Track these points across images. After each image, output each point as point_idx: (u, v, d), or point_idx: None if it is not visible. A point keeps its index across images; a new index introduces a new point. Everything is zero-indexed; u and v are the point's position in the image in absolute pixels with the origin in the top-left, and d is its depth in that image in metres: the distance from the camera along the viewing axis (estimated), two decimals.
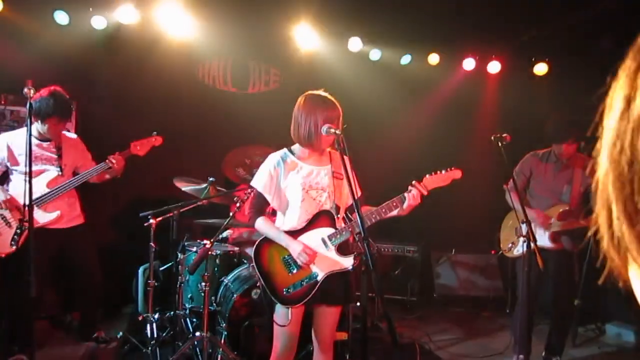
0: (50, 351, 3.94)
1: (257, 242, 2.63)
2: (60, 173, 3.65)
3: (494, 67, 5.97)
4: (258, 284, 2.61)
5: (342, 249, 2.59)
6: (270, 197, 2.63)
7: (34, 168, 3.44)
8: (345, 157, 2.33)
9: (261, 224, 2.62)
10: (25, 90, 2.76)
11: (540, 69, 5.85)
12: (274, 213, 2.86)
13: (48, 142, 3.69)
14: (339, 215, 2.63)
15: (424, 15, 5.21)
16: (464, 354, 4.28)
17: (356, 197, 2.15)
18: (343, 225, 2.61)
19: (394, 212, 2.58)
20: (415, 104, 6.14)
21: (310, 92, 2.60)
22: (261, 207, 2.66)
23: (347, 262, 2.57)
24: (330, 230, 2.58)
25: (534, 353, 3.73)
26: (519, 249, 3.79)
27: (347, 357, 3.70)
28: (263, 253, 2.60)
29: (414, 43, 5.70)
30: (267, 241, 2.60)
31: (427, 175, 2.65)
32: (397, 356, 3.93)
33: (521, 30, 5.56)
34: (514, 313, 3.99)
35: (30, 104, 2.79)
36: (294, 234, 2.58)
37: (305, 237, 2.58)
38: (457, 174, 2.67)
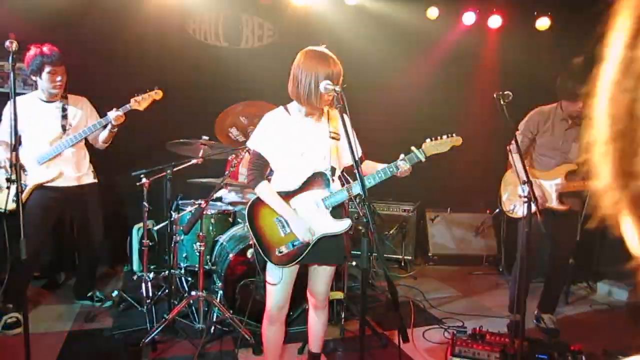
0: (45, 310, 3.94)
1: (250, 202, 2.57)
2: (62, 132, 3.64)
3: (495, 21, 5.80)
4: (250, 242, 2.56)
5: (336, 212, 2.54)
6: (269, 158, 2.57)
7: (38, 128, 3.58)
8: (345, 116, 2.23)
9: (263, 189, 2.54)
10: (7, 43, 2.62)
11: (543, 23, 5.68)
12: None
13: (52, 104, 3.67)
14: (334, 177, 2.55)
15: None
16: (457, 311, 4.31)
17: (356, 158, 2.07)
18: (339, 187, 2.54)
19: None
20: (414, 59, 5.99)
21: (310, 47, 2.47)
22: (261, 168, 2.57)
23: (341, 226, 2.53)
24: (325, 193, 2.52)
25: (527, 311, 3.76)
26: (521, 209, 3.74)
27: (343, 316, 3.72)
28: (256, 213, 2.56)
29: None
30: (260, 201, 2.55)
31: (427, 141, 2.56)
32: (392, 314, 3.96)
33: None
34: (512, 273, 3.99)
35: (13, 58, 2.66)
36: (287, 195, 2.52)
37: (299, 199, 2.52)
38: (457, 140, 2.60)
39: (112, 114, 3.56)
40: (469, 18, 5.81)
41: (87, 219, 3.90)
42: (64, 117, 3.69)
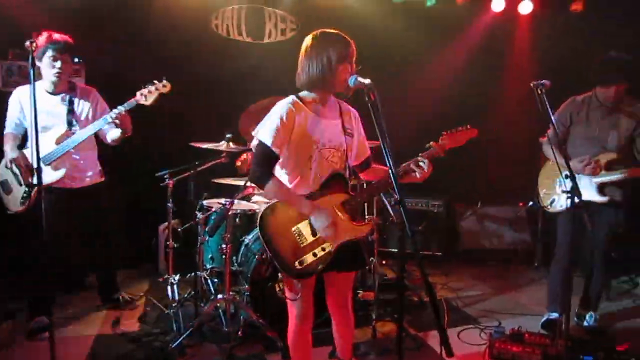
0: (72, 313, 3.91)
1: (262, 212, 2.35)
2: (68, 129, 3.45)
3: (526, 7, 5.55)
4: (264, 255, 2.38)
5: (355, 216, 2.38)
6: (279, 152, 2.30)
7: (44, 124, 3.34)
8: (377, 113, 2.01)
9: (275, 187, 2.29)
10: (27, 43, 2.55)
11: (576, 6, 5.41)
12: None
13: (58, 96, 3.50)
14: (352, 178, 2.42)
15: None
16: (493, 309, 4.15)
17: (391, 164, 1.91)
18: (357, 189, 2.40)
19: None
20: (442, 48, 5.79)
21: (320, 30, 2.34)
22: (269, 164, 2.32)
23: (362, 231, 2.39)
24: (344, 196, 2.37)
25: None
26: (562, 204, 3.56)
27: (374, 317, 3.60)
28: (270, 223, 2.33)
29: None
30: (272, 210, 2.34)
31: (444, 133, 2.45)
32: (429, 318, 3.82)
33: None
34: (552, 270, 3.80)
35: (32, 57, 2.59)
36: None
37: (318, 204, 2.34)
38: (472, 132, 2.50)
39: (113, 113, 3.28)
40: (498, 4, 5.57)
41: (99, 219, 3.79)
42: (70, 111, 3.49)
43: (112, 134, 3.52)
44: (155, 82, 3.24)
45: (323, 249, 2.33)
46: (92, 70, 4.74)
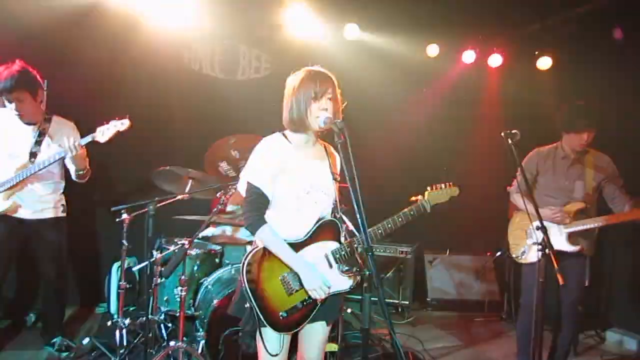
0: (9, 356, 3.60)
1: (248, 255, 2.19)
2: (30, 160, 3.36)
3: (495, 60, 5.70)
4: (246, 305, 2.19)
5: (345, 264, 2.25)
6: (269, 193, 2.20)
7: (11, 151, 3.34)
8: (345, 153, 1.97)
9: (267, 235, 2.16)
10: None
11: (544, 63, 5.57)
12: None
13: (31, 126, 3.41)
14: (343, 226, 2.27)
15: (423, 3, 4.93)
16: None
17: (360, 203, 1.82)
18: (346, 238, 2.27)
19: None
20: (414, 96, 5.87)
21: (303, 68, 2.28)
22: (261, 208, 2.21)
23: (350, 282, 2.25)
24: (335, 245, 2.24)
25: None
26: (533, 255, 3.51)
27: None
28: (256, 268, 2.17)
29: (413, 33, 5.39)
30: (259, 254, 2.19)
31: (428, 189, 2.43)
32: None
33: (523, 22, 5.30)
34: (519, 320, 3.71)
35: None
36: (294, 247, 2.20)
37: (307, 252, 2.22)
38: (454, 191, 2.48)
39: (66, 144, 3.17)
40: (469, 56, 5.70)
41: (49, 256, 3.60)
42: (37, 143, 3.40)
43: (71, 169, 3.47)
44: (116, 120, 3.17)
45: (310, 299, 2.19)
46: (55, 99, 4.57)
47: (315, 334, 2.34)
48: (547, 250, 2.55)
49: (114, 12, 4.55)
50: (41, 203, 3.49)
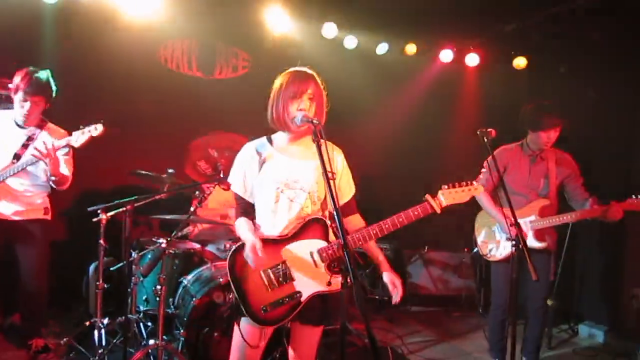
0: None
1: (232, 249, 2.26)
2: (13, 160, 3.35)
3: (473, 59, 5.78)
4: (231, 296, 2.23)
5: (333, 264, 2.24)
6: (248, 196, 2.35)
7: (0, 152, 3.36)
8: (324, 151, 2.03)
9: (238, 224, 2.33)
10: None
11: (520, 62, 5.68)
12: None
13: (24, 130, 3.42)
14: (334, 225, 2.28)
15: (400, 2, 4.97)
16: (437, 357, 4.09)
17: (335, 199, 1.86)
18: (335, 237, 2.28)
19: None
20: (392, 95, 5.92)
21: (288, 69, 2.33)
22: (245, 208, 2.36)
23: (337, 284, 2.21)
24: (322, 243, 2.25)
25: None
26: (501, 251, 3.61)
27: None
28: (239, 262, 2.23)
29: (391, 31, 5.44)
30: (244, 248, 2.22)
31: (444, 187, 2.34)
32: None
33: (501, 22, 5.39)
34: (490, 317, 3.81)
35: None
36: (278, 243, 2.24)
37: (292, 248, 2.24)
38: (476, 189, 2.37)
39: (33, 148, 3.19)
40: (446, 55, 5.78)
41: (27, 256, 3.56)
42: (25, 146, 3.40)
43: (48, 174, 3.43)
44: (90, 125, 3.15)
45: (292, 297, 2.20)
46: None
47: (303, 336, 2.36)
48: (520, 246, 2.61)
49: (86, 9, 4.47)
50: (23, 204, 3.47)
